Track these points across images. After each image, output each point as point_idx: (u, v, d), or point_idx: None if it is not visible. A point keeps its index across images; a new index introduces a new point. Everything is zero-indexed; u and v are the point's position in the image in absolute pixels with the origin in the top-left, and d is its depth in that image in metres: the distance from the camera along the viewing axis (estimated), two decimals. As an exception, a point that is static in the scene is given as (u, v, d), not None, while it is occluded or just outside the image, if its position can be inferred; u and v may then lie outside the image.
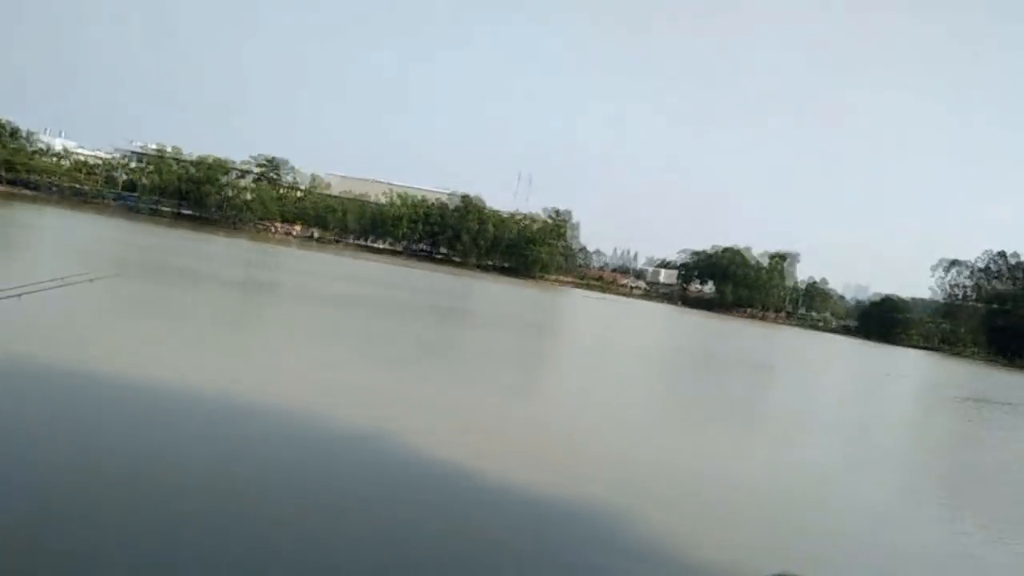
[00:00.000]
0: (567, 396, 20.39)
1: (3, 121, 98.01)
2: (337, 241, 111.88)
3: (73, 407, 10.55)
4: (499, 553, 7.87)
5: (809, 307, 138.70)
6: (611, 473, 11.92)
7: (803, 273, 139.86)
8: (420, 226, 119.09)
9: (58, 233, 50.42)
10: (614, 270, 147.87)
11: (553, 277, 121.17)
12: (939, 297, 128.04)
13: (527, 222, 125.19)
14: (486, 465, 10.79)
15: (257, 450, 10.00)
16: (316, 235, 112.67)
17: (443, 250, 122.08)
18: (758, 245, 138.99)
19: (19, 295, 9.79)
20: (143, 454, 9.06)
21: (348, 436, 11.37)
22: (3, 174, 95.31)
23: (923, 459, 20.88)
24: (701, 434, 17.91)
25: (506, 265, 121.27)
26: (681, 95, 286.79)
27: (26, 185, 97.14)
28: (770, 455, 16.52)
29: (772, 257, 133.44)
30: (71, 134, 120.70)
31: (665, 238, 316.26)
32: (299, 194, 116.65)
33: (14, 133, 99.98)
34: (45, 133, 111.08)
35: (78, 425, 9.87)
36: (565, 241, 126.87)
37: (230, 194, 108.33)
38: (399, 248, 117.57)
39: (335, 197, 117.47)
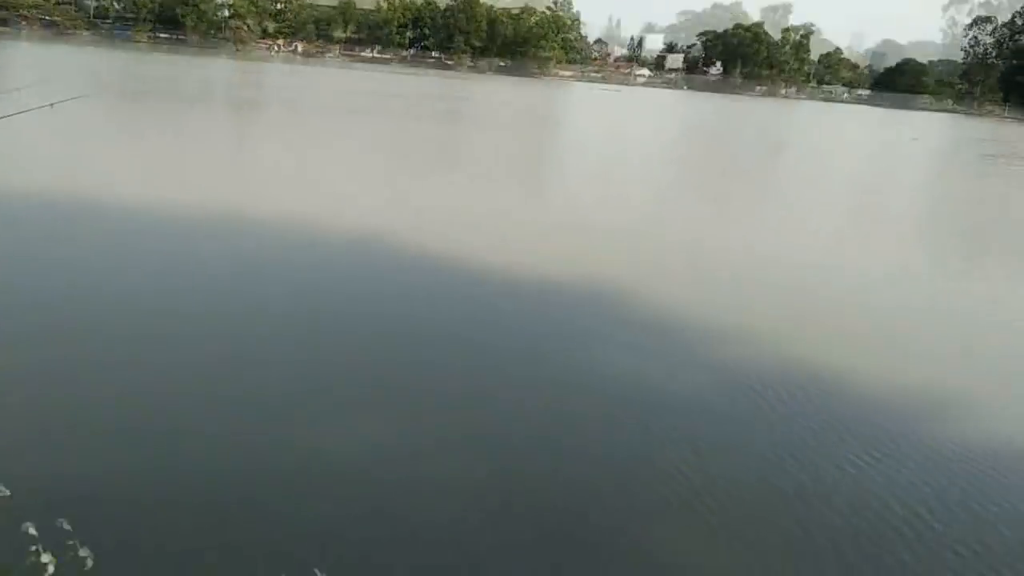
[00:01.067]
0: (584, 187, 19.45)
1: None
2: (322, 53, 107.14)
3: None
4: (519, 332, 7.90)
5: (824, 79, 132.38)
6: (630, 256, 11.59)
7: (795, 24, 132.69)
8: (410, 30, 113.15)
9: (33, 62, 48.42)
10: (619, 59, 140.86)
11: (555, 72, 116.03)
12: (949, 40, 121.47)
13: (525, 16, 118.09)
14: (513, 259, 10.62)
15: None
16: (300, 48, 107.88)
17: (435, 53, 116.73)
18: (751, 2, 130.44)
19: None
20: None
21: (372, 243, 11.06)
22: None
23: (953, 218, 19.64)
24: (720, 211, 17.10)
25: (503, 63, 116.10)
26: None
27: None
28: (794, 229, 15.69)
29: (765, 9, 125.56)
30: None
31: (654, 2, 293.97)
32: (279, 6, 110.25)
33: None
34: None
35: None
36: (566, 33, 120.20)
37: (207, 11, 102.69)
38: (389, 55, 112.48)
39: (319, 7, 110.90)
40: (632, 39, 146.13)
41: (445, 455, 5.28)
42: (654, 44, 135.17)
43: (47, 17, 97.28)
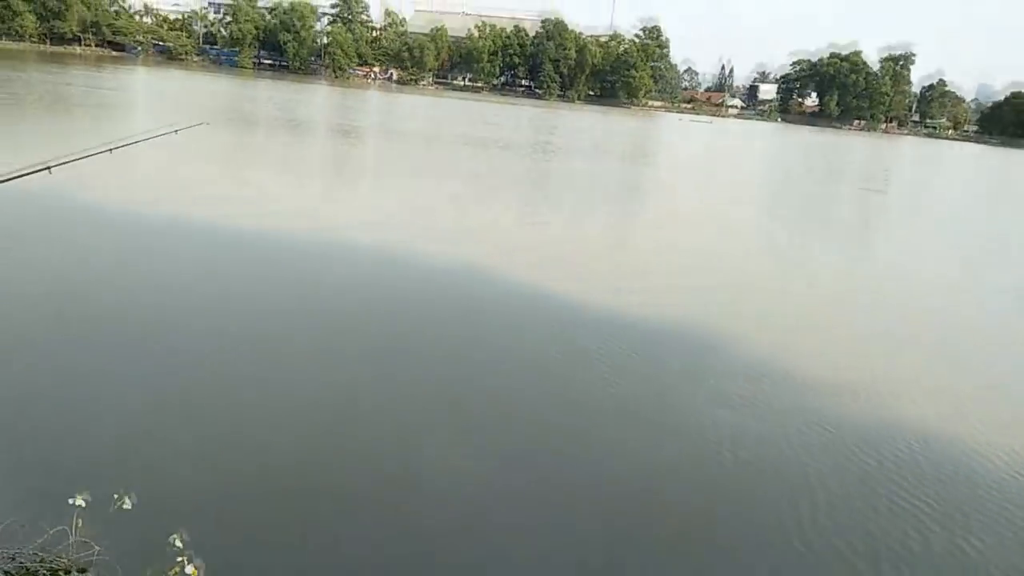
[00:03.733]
0: (670, 228, 19.85)
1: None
2: (415, 81, 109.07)
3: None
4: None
5: (928, 113, 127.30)
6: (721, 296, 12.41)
7: (918, 76, 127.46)
8: (501, 57, 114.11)
9: (155, 89, 50.90)
10: (708, 89, 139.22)
11: (644, 102, 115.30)
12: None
13: (614, 43, 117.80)
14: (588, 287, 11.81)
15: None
16: (395, 76, 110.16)
17: (525, 82, 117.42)
18: (868, 43, 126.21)
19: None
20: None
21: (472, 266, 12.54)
22: (90, 36, 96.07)
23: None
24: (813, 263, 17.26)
25: (593, 93, 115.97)
26: None
27: (112, 46, 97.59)
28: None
29: (884, 60, 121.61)
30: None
31: (766, 45, 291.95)
32: (374, 33, 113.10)
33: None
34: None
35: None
36: (656, 62, 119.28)
37: (307, 39, 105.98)
38: (480, 84, 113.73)
39: (412, 34, 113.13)
40: (723, 64, 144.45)
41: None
42: (768, 95, 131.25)
43: (161, 43, 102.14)
